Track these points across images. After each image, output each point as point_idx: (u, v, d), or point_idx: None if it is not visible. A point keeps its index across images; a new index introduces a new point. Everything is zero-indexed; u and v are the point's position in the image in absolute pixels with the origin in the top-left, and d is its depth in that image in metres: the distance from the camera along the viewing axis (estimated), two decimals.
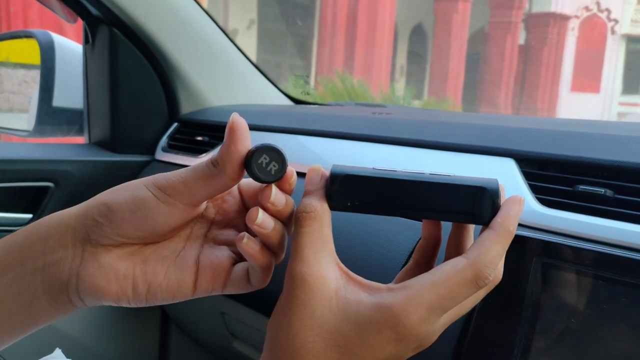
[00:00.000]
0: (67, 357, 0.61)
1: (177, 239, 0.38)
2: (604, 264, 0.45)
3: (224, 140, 0.34)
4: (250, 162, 0.34)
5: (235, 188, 0.40)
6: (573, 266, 0.47)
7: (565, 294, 0.46)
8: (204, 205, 0.39)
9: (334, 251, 0.34)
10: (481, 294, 0.36)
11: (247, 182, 0.38)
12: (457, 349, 0.50)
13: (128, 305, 0.37)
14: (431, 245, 0.39)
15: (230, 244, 0.39)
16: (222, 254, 0.38)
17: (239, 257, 0.39)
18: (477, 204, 0.34)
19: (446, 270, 0.33)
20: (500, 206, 0.35)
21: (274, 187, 0.35)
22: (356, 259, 0.61)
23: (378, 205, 0.35)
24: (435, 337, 0.35)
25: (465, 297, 0.33)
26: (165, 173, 0.36)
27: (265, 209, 0.35)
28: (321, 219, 0.34)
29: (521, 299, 0.47)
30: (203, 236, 0.39)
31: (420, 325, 0.32)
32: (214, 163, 0.34)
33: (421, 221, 0.40)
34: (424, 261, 0.39)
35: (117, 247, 0.36)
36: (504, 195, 0.36)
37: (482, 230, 0.35)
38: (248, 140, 0.34)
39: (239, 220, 0.40)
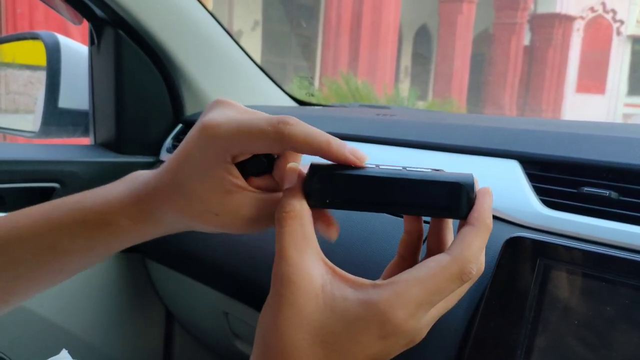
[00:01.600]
0: (73, 357, 0.61)
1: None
2: (608, 266, 0.45)
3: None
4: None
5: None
6: (577, 268, 0.47)
7: (569, 295, 0.46)
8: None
9: (318, 248, 0.35)
10: (466, 287, 0.36)
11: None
12: (460, 350, 0.50)
13: None
14: (414, 238, 0.40)
15: None
16: None
17: None
18: (453, 199, 0.34)
19: (431, 267, 0.34)
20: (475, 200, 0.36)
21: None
22: (356, 258, 0.61)
23: (356, 202, 0.35)
24: (425, 332, 0.35)
25: (450, 291, 0.34)
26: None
27: None
28: (301, 217, 0.34)
29: (524, 300, 0.47)
30: None
31: (407, 321, 0.33)
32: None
33: (402, 217, 0.40)
34: (409, 254, 0.40)
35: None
36: (478, 187, 0.37)
37: (460, 225, 0.36)
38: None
39: None
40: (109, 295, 1.09)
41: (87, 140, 1.14)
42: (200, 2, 1.08)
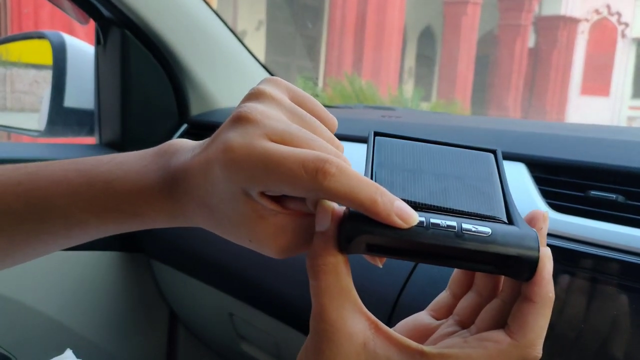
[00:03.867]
0: (78, 357, 0.61)
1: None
2: (614, 270, 0.45)
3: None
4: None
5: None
6: (584, 272, 0.46)
7: (576, 299, 0.46)
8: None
9: (358, 300, 0.31)
10: None
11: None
12: None
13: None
14: (468, 277, 0.37)
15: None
16: None
17: None
18: (514, 270, 0.31)
19: (488, 347, 0.30)
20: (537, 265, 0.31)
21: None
22: (360, 264, 0.61)
23: (401, 254, 0.31)
24: None
25: None
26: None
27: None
28: (336, 270, 0.31)
29: None
30: None
31: None
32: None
33: None
34: (461, 293, 0.37)
35: None
36: (544, 239, 0.32)
37: (516, 290, 0.32)
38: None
39: None
40: (113, 296, 1.09)
41: (92, 140, 1.14)
42: (206, 2, 1.08)
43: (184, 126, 1.09)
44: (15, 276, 0.96)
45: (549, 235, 0.52)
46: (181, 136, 1.08)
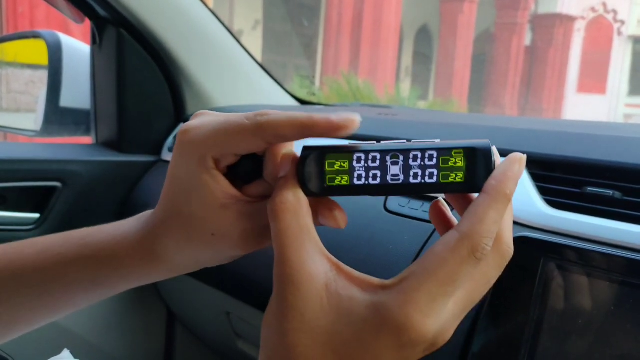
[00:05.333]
0: (75, 357, 0.61)
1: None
2: (611, 266, 0.45)
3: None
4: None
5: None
6: (581, 268, 0.46)
7: (573, 295, 0.46)
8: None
9: (319, 241, 0.31)
10: (492, 272, 0.32)
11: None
12: (465, 349, 0.50)
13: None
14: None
15: None
16: None
17: None
18: (468, 169, 0.30)
19: (438, 252, 0.30)
20: (494, 168, 0.31)
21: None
22: (358, 260, 0.61)
23: (360, 187, 0.31)
24: (448, 334, 0.31)
25: (466, 275, 0.30)
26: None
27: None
28: (296, 209, 0.31)
29: (528, 299, 0.47)
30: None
31: (423, 322, 0.29)
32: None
33: (415, 197, 0.36)
34: None
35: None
36: (499, 159, 0.33)
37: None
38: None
39: None
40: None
41: (88, 140, 1.14)
42: (202, 1, 1.08)
43: (180, 125, 1.09)
44: None
45: (546, 231, 0.52)
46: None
